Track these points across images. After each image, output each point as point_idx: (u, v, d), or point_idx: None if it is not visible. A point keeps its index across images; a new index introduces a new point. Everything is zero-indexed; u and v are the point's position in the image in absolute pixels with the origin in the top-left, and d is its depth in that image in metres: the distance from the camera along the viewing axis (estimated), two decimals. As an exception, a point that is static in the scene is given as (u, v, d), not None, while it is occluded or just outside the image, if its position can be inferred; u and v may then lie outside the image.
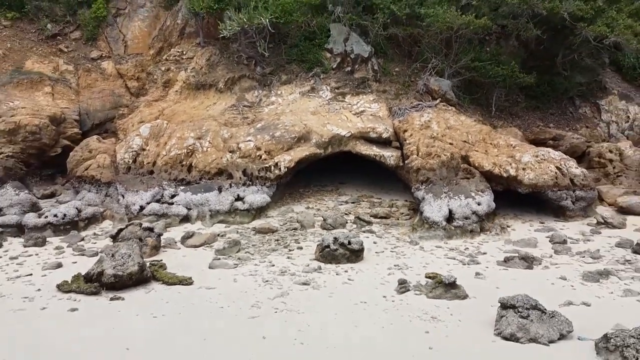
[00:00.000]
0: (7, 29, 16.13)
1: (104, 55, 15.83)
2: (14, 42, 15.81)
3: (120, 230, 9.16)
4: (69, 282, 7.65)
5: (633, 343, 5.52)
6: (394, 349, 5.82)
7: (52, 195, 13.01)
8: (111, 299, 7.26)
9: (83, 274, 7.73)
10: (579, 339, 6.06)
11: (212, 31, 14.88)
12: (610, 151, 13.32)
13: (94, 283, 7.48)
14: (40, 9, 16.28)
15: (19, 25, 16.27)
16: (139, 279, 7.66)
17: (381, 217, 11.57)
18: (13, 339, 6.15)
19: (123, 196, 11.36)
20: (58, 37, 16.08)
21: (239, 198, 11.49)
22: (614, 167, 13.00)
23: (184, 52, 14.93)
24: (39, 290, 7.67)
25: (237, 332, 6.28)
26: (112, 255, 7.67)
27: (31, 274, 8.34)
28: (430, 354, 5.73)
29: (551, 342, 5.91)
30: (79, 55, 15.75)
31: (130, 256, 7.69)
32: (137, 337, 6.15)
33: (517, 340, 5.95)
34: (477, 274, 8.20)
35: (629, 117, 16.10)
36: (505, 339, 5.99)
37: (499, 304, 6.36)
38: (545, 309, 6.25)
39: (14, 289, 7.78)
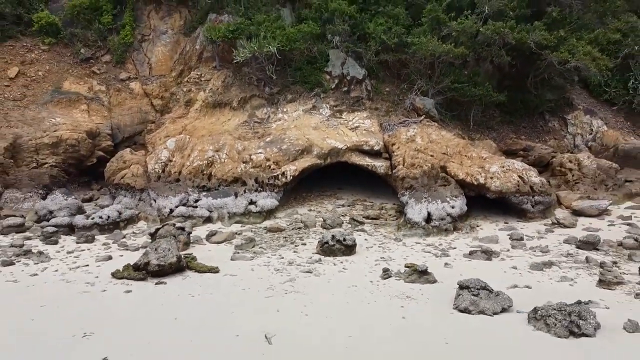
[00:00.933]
0: (45, 52, 17.73)
1: (131, 76, 17.42)
2: (52, 65, 17.44)
3: (158, 229, 10.83)
4: (121, 270, 9.32)
5: (553, 313, 7.19)
6: (376, 319, 7.47)
7: (90, 199, 14.67)
8: (156, 283, 8.94)
9: (132, 264, 9.41)
10: (517, 312, 7.70)
11: (226, 56, 16.41)
12: (570, 161, 14.92)
13: (142, 271, 9.15)
14: (75, 35, 17.82)
15: (55, 50, 17.83)
16: (177, 268, 9.34)
17: (372, 218, 13.22)
18: (83, 313, 7.81)
19: (155, 201, 13.04)
20: (91, 60, 17.65)
21: (252, 202, 13.15)
22: (573, 175, 14.59)
23: (203, 75, 16.52)
24: (97, 277, 9.35)
25: (257, 307, 7.95)
26: (156, 249, 9.35)
27: (88, 265, 10.02)
28: (403, 321, 7.40)
29: (495, 313, 7.56)
30: (109, 76, 17.36)
31: (169, 250, 9.38)
32: (181, 311, 7.81)
33: (469, 312, 7.61)
34: (446, 264, 9.87)
35: (592, 129, 17.73)
36: (461, 311, 7.65)
37: (458, 286, 8.05)
38: (492, 289, 7.92)
39: (76, 276, 9.46)
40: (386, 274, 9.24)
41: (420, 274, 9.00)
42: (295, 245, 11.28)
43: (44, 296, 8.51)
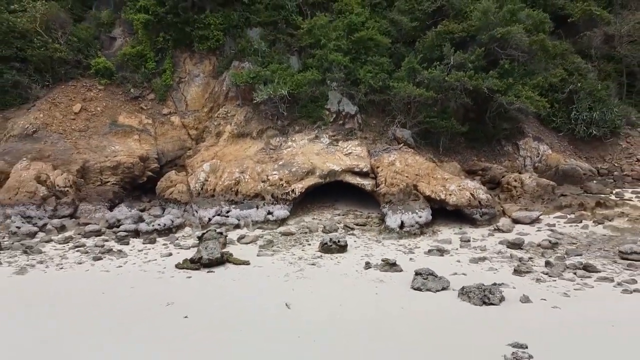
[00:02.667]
0: (102, 91, 20.85)
1: (171, 111, 20.48)
2: (108, 102, 20.60)
3: (203, 233, 14.02)
4: (181, 263, 12.51)
5: (473, 290, 10.34)
6: (358, 294, 10.64)
7: (144, 210, 17.80)
8: (207, 272, 12.12)
9: (188, 258, 12.60)
10: (452, 289, 10.88)
11: (247, 96, 19.49)
12: (515, 180, 17.96)
13: (196, 263, 12.33)
14: (125, 78, 20.89)
15: (110, 89, 20.89)
16: (220, 261, 12.50)
17: (360, 225, 16.33)
18: (162, 291, 10.97)
19: (197, 212, 16.22)
20: (139, 98, 20.68)
21: (269, 213, 16.26)
22: (517, 191, 17.65)
23: (229, 111, 19.65)
24: (164, 268, 12.53)
25: (278, 288, 11.09)
26: (205, 248, 12.57)
27: (156, 259, 13.23)
28: (375, 297, 10.56)
29: (437, 290, 10.71)
30: (154, 111, 20.43)
31: (215, 248, 12.59)
32: (228, 289, 10.99)
33: (420, 290, 10.77)
34: (411, 258, 13.01)
35: (539, 153, 20.82)
36: (414, 289, 10.79)
37: (414, 273, 11.23)
38: (437, 275, 11.08)
39: (149, 268, 12.68)
40: (367, 265, 12.42)
41: (390, 266, 12.19)
42: (303, 245, 14.43)
43: (130, 281, 11.73)
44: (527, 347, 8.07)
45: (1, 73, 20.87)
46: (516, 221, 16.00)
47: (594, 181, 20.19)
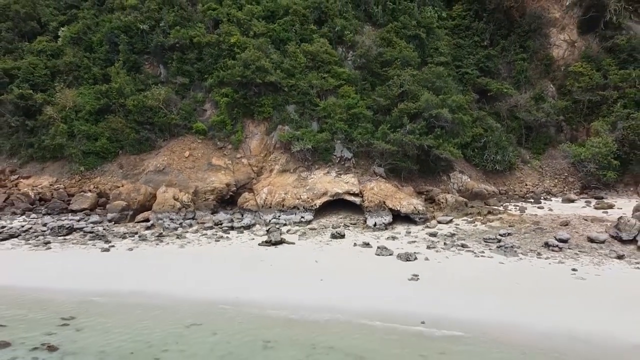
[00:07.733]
0: (200, 144, 29.38)
1: (242, 156, 28.97)
2: (204, 150, 29.17)
3: (269, 228, 22.61)
4: (260, 243, 21.10)
5: (403, 254, 18.76)
6: (348, 257, 19.10)
7: (231, 215, 26.42)
8: (275, 247, 20.60)
9: (264, 240, 21.19)
10: (394, 255, 19.33)
11: (287, 147, 27.86)
12: (442, 198, 26.26)
13: (268, 243, 20.87)
14: (214, 135, 29.28)
15: (205, 142, 29.30)
16: (280, 242, 20.99)
17: (353, 224, 24.72)
18: (258, 257, 19.54)
19: (262, 216, 24.80)
20: (223, 148, 29.15)
21: (302, 217, 24.75)
22: (443, 205, 25.97)
23: (277, 156, 28.14)
24: (252, 245, 21.06)
25: (310, 254, 19.56)
26: (272, 235, 21.16)
27: (246, 241, 21.78)
28: (357, 258, 18.97)
29: (386, 255, 19.13)
30: (232, 156, 28.86)
31: (277, 235, 21.08)
32: (286, 255, 19.49)
33: (379, 255, 19.19)
34: (377, 241, 21.34)
35: (462, 181, 29.06)
36: (376, 255, 19.14)
37: (377, 247, 19.72)
38: (388, 248, 19.55)
39: (245, 245, 21.22)
40: (355, 245, 20.89)
41: (366, 245, 20.67)
42: (321, 235, 22.87)
43: (238, 250, 20.32)
44: (418, 275, 16.58)
45: (138, 131, 29.70)
46: (439, 222, 24.29)
47: (495, 198, 28.47)
